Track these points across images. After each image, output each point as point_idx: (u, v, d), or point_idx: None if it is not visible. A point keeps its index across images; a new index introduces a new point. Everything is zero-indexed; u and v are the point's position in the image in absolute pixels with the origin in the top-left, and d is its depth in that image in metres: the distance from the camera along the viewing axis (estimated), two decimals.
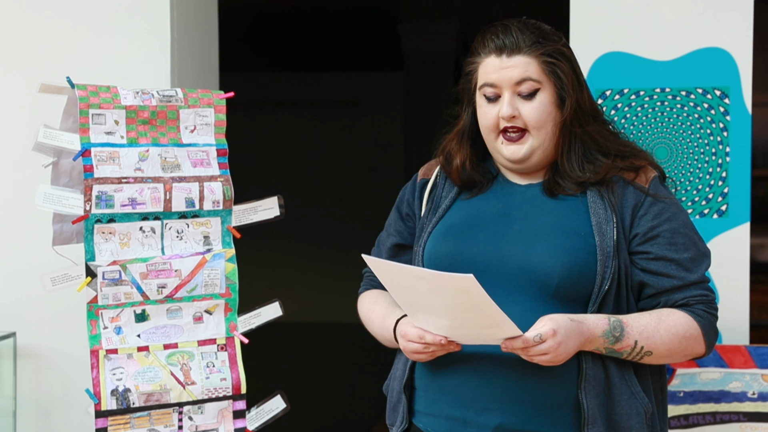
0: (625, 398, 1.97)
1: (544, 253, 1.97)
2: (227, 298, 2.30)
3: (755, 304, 3.10)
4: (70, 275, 2.19)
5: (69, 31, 3.04)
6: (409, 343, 1.99)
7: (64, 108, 2.24)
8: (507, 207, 2.06)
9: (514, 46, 2.01)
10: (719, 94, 2.78)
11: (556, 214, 2.02)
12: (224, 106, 2.32)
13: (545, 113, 2.02)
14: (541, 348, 1.88)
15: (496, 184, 2.12)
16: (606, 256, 1.97)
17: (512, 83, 2.01)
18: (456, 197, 2.12)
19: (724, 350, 2.66)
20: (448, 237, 2.06)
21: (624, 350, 1.96)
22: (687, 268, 2.00)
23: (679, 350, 1.99)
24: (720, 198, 2.79)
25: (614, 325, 1.94)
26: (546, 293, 1.96)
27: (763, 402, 2.64)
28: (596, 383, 1.95)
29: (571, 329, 1.90)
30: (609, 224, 1.99)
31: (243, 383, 2.29)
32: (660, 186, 2.05)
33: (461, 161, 2.11)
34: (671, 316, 1.99)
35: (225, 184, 2.29)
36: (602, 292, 1.96)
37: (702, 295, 2.01)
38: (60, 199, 2.18)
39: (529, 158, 2.04)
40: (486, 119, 2.05)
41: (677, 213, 2.03)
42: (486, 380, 1.98)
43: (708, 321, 2.01)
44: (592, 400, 1.94)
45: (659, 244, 2.00)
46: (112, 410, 2.19)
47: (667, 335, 1.97)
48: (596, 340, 1.94)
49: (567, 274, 1.95)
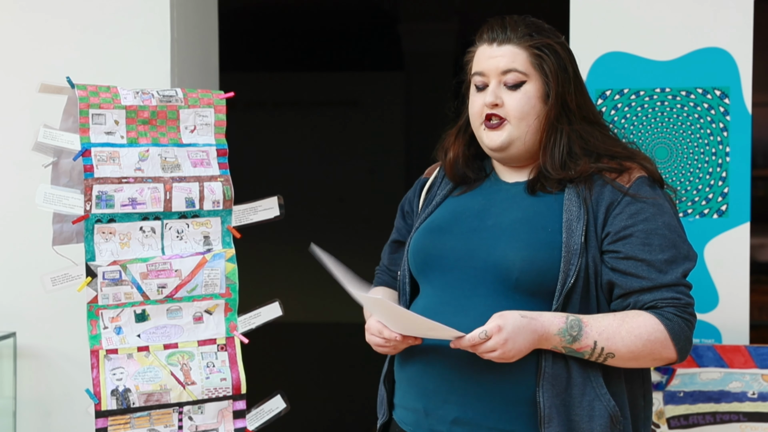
0: (588, 399, 1.93)
1: (506, 247, 1.97)
2: (227, 298, 2.30)
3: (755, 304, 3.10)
4: (70, 275, 2.19)
5: (69, 31, 3.04)
6: (372, 337, 2.02)
7: (64, 108, 2.24)
8: (488, 204, 2.08)
9: (505, 36, 2.03)
10: (719, 94, 2.78)
11: (529, 210, 2.02)
12: (224, 106, 2.33)
13: (528, 105, 2.02)
14: (487, 345, 1.88)
15: (487, 181, 2.14)
16: (571, 253, 1.94)
17: (498, 72, 2.03)
18: (448, 194, 2.15)
19: (724, 350, 2.66)
20: (428, 232, 2.09)
21: (584, 350, 1.92)
22: (660, 270, 1.94)
23: (644, 353, 1.93)
24: (720, 198, 2.79)
25: (571, 324, 1.91)
26: (507, 287, 1.96)
27: (763, 402, 2.64)
28: (556, 382, 1.93)
29: (520, 326, 1.89)
30: (579, 222, 1.97)
31: (243, 383, 2.29)
32: (645, 187, 2.00)
33: (454, 155, 2.14)
34: (636, 318, 1.93)
35: (225, 184, 2.29)
36: (566, 289, 1.94)
37: (673, 298, 1.94)
38: (60, 199, 2.18)
39: (508, 148, 2.04)
40: (473, 107, 2.07)
41: (657, 215, 1.98)
42: (444, 373, 1.98)
43: (678, 324, 1.93)
44: (550, 399, 1.92)
45: (631, 243, 1.96)
46: (112, 410, 2.19)
47: (629, 337, 1.92)
48: (552, 338, 1.91)
49: (527, 268, 1.94)
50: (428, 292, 2.05)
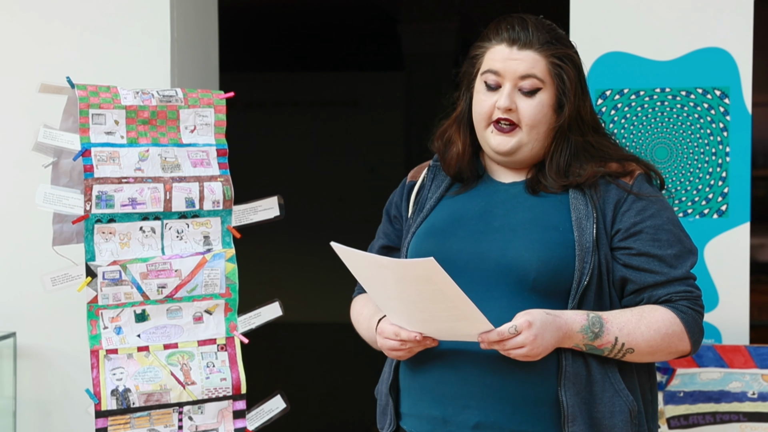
0: (608, 396, 1.95)
1: (520, 247, 1.97)
2: (227, 298, 2.30)
3: (755, 304, 3.09)
4: (70, 275, 2.19)
5: (69, 31, 3.04)
6: (386, 341, 1.99)
7: (64, 108, 2.24)
8: (489, 205, 2.06)
9: (527, 40, 2.01)
10: (719, 94, 2.78)
11: (536, 210, 2.02)
12: (224, 106, 2.32)
13: (541, 114, 2.01)
14: (516, 341, 1.87)
15: (481, 183, 2.12)
16: (584, 251, 1.95)
17: (516, 76, 2.01)
18: (441, 196, 2.12)
19: (724, 350, 2.66)
20: (429, 236, 2.07)
21: (605, 347, 1.94)
22: (670, 264, 1.98)
23: (663, 347, 1.97)
24: (720, 198, 2.79)
25: (593, 320, 1.93)
26: (524, 288, 1.95)
27: (763, 402, 2.64)
28: (577, 380, 1.94)
29: (547, 322, 1.89)
30: (589, 220, 1.98)
31: (243, 383, 2.29)
32: (645, 184, 2.03)
33: (462, 147, 2.11)
34: (653, 313, 1.96)
35: (225, 184, 2.29)
36: (581, 288, 1.95)
37: (686, 291, 1.98)
38: (60, 199, 2.18)
39: (515, 153, 2.04)
40: (481, 106, 2.05)
41: (661, 210, 2.01)
42: (464, 377, 1.97)
43: (692, 317, 1.98)
44: (572, 398, 1.93)
45: (642, 239, 1.98)
46: (112, 410, 2.19)
47: (649, 331, 1.95)
48: (575, 336, 1.92)
49: (544, 268, 1.95)
50: None
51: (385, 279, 1.90)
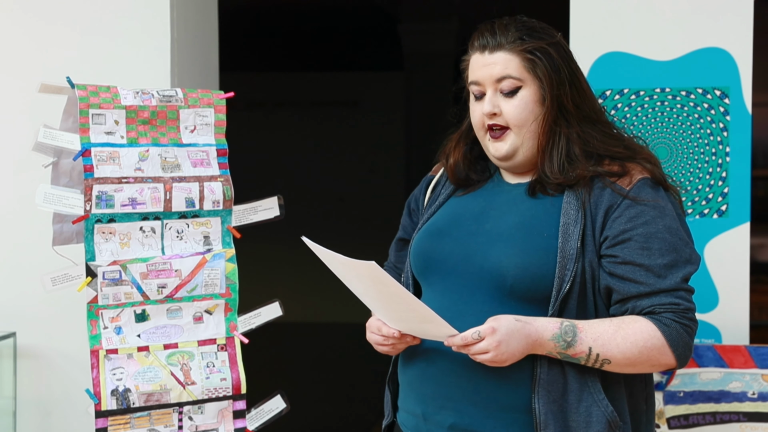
0: (585, 405, 1.91)
1: (500, 253, 1.95)
2: (227, 298, 2.30)
3: (755, 304, 3.09)
4: (70, 275, 2.19)
5: (69, 31, 3.04)
6: (371, 335, 2.01)
7: (64, 108, 2.24)
8: (488, 206, 2.06)
9: (495, 43, 2.00)
10: (719, 94, 2.78)
11: (527, 214, 2.00)
12: (224, 106, 2.32)
13: (526, 111, 2.00)
14: (479, 346, 1.86)
15: (490, 182, 2.12)
16: (567, 258, 1.92)
17: (493, 80, 2.01)
18: (450, 194, 2.13)
19: (724, 350, 2.66)
20: (429, 235, 2.08)
21: (579, 356, 1.90)
22: (658, 275, 1.91)
23: (641, 360, 1.90)
24: (720, 198, 2.79)
25: (566, 329, 1.89)
26: (503, 293, 1.94)
27: (763, 402, 2.64)
28: (552, 388, 1.91)
29: (514, 329, 1.87)
30: (576, 225, 1.94)
31: (243, 383, 2.29)
32: (646, 189, 1.97)
33: (455, 160, 2.12)
34: (632, 324, 1.90)
35: (225, 184, 2.29)
36: (562, 295, 1.91)
37: (672, 303, 1.90)
38: (60, 199, 2.18)
39: (513, 156, 2.03)
40: (474, 117, 2.06)
41: (658, 217, 1.94)
42: (442, 378, 1.97)
43: (675, 330, 1.89)
44: (546, 405, 1.90)
45: (629, 248, 1.92)
46: (112, 410, 2.19)
47: (625, 343, 1.89)
48: (546, 344, 1.89)
49: (521, 274, 1.92)
50: (428, 296, 2.03)
51: (350, 275, 1.92)
